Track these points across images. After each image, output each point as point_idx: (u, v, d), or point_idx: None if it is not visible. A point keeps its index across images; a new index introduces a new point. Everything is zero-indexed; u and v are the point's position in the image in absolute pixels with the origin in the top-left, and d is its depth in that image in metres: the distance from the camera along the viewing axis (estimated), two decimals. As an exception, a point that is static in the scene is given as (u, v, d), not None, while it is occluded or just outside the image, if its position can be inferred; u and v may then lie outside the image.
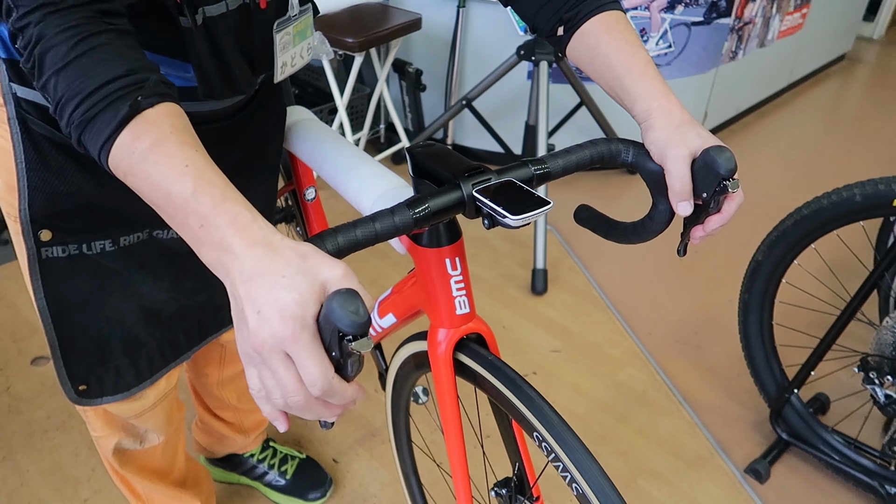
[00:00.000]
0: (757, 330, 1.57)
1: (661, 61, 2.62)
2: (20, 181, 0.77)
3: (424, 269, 0.81)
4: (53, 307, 0.86)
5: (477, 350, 0.83)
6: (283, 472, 1.47)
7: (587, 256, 2.29)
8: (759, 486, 1.53)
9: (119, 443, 1.09)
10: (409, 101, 2.76)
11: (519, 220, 0.64)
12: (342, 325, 0.49)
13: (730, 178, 0.69)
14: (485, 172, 0.69)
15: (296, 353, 0.50)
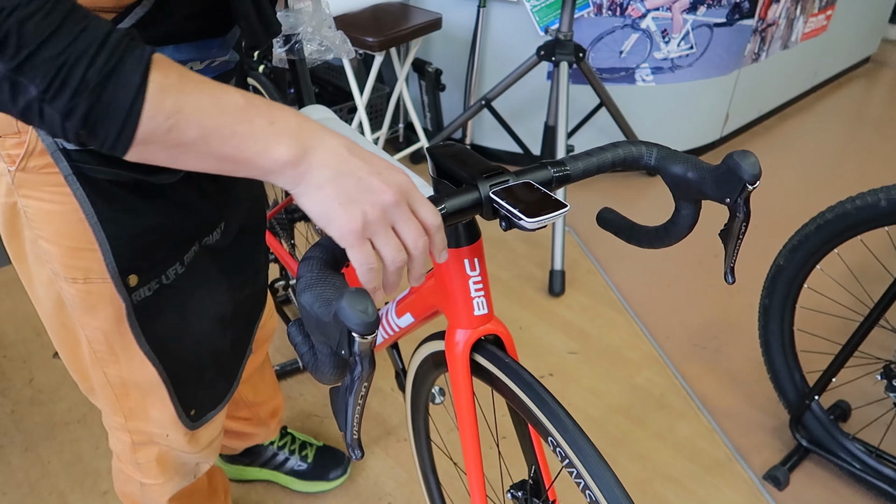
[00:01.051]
0: (777, 335, 1.55)
1: (683, 63, 2.60)
2: (98, 236, 0.72)
3: (443, 270, 0.81)
4: (156, 348, 0.83)
5: (494, 352, 0.83)
6: (304, 457, 1.49)
7: (605, 258, 2.28)
8: (778, 493, 1.52)
9: (175, 486, 1.06)
10: (429, 101, 2.76)
11: (534, 222, 0.64)
12: (351, 323, 0.50)
13: (754, 183, 0.69)
14: (503, 174, 0.69)
15: (416, 199, 0.58)
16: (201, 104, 0.53)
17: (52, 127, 0.51)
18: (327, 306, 0.53)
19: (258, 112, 0.54)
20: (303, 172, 0.55)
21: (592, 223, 2.46)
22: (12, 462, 1.52)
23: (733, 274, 0.79)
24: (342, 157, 0.56)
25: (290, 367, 1.75)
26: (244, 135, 0.54)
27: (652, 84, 2.63)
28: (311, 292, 0.55)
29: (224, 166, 0.55)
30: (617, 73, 2.60)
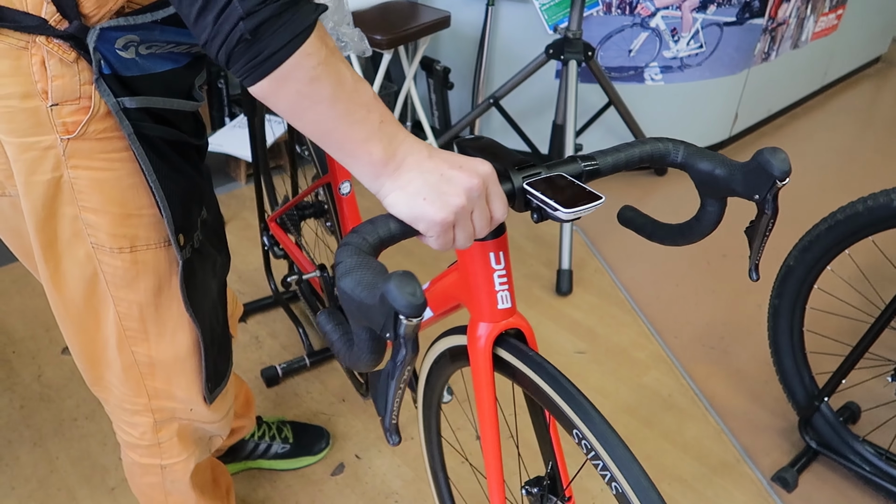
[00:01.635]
0: (787, 336, 1.54)
1: (692, 62, 2.59)
2: (157, 193, 0.77)
3: (467, 263, 0.82)
4: (195, 313, 0.87)
5: (517, 345, 0.84)
6: (284, 439, 1.52)
7: (613, 258, 2.27)
8: (787, 494, 1.51)
9: (195, 461, 1.09)
10: (437, 99, 2.76)
11: (571, 213, 0.65)
12: (399, 305, 0.51)
13: (784, 179, 0.69)
14: (535, 166, 0.70)
15: (493, 191, 0.64)
16: (344, 75, 0.59)
17: (223, 23, 0.55)
18: (370, 290, 0.54)
19: (378, 108, 0.61)
20: (388, 173, 0.62)
21: (600, 223, 2.45)
22: (21, 457, 1.52)
23: (758, 271, 0.79)
24: (422, 159, 0.62)
25: (297, 364, 1.75)
26: (359, 119, 0.60)
27: (661, 83, 2.62)
28: (352, 277, 0.55)
29: (328, 138, 0.61)
30: (626, 71, 2.59)
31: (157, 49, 0.73)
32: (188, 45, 0.76)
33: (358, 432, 1.62)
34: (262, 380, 1.72)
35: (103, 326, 0.88)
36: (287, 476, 1.51)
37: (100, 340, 0.89)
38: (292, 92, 0.58)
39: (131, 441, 1.03)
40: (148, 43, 0.71)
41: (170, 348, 0.91)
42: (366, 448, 1.58)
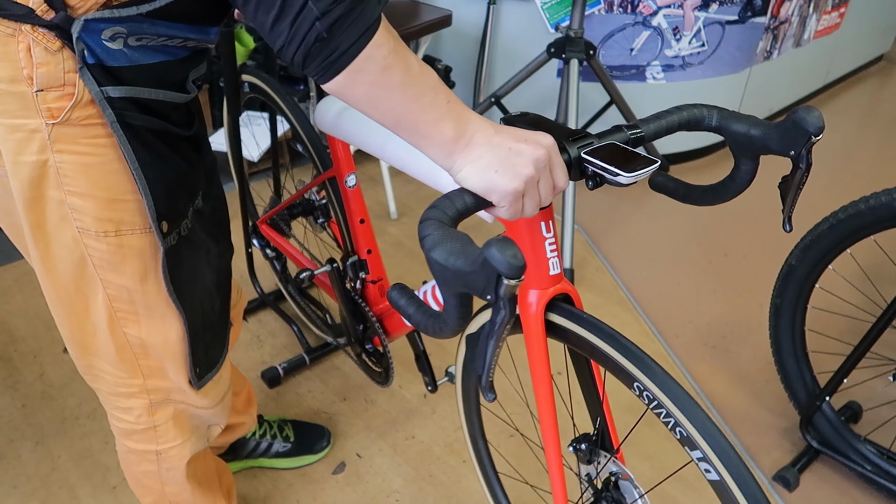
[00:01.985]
0: (788, 335, 1.54)
1: (694, 60, 2.58)
2: (139, 181, 0.78)
3: (518, 234, 0.86)
4: (180, 299, 0.89)
5: (569, 309, 0.88)
6: (286, 437, 1.53)
7: (614, 257, 2.27)
8: (788, 494, 1.51)
9: (192, 448, 1.09)
10: (438, 98, 2.76)
11: (631, 177, 0.69)
12: (502, 268, 0.56)
13: (818, 135, 0.74)
14: (587, 136, 0.74)
15: (556, 162, 0.69)
16: (411, 61, 0.64)
17: (299, 26, 0.60)
18: (465, 257, 0.58)
19: (444, 90, 0.66)
20: (460, 149, 0.67)
21: (601, 221, 2.45)
22: (23, 455, 1.53)
23: (791, 222, 0.83)
24: (489, 135, 0.67)
25: (297, 362, 1.75)
26: (429, 101, 0.65)
27: (662, 82, 2.62)
28: (442, 247, 0.60)
29: (402, 122, 0.66)
30: (627, 70, 2.59)
31: (149, 41, 0.74)
32: (182, 38, 0.76)
33: (359, 431, 1.62)
34: (264, 381, 1.72)
35: (93, 310, 0.89)
36: (288, 475, 1.51)
37: (89, 324, 0.90)
38: (366, 83, 0.63)
39: (126, 427, 1.03)
40: (138, 35, 0.72)
41: (160, 331, 0.92)
42: (367, 446, 1.58)
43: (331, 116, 1.25)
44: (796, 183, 0.79)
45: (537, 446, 1.57)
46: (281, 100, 1.53)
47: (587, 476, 1.05)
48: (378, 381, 1.54)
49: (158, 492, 1.14)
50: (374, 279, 1.45)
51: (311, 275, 1.53)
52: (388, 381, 1.50)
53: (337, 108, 1.24)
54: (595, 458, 1.03)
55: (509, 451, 1.57)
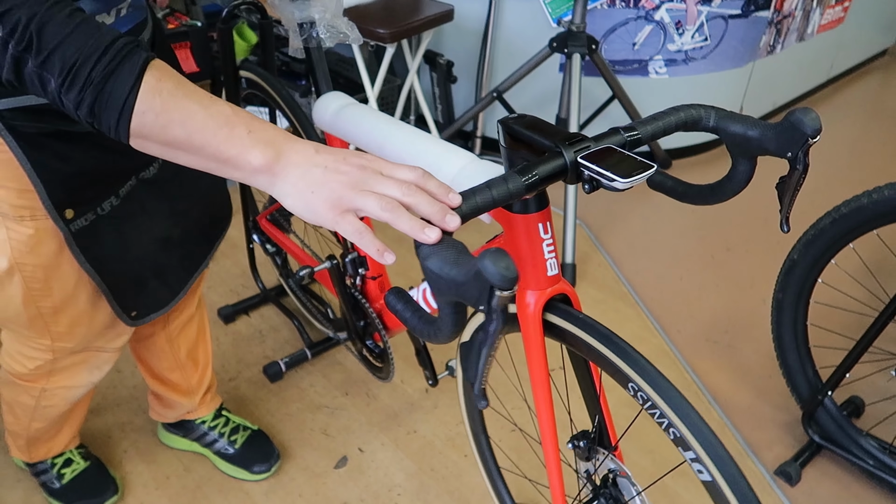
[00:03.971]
0: (790, 330, 1.53)
1: (697, 55, 2.58)
2: (33, 180, 0.88)
3: (516, 235, 0.86)
4: (96, 267, 1.01)
5: (566, 309, 0.89)
6: (232, 442, 1.50)
7: (616, 252, 2.26)
8: (790, 488, 1.51)
9: (80, 393, 1.24)
10: (440, 93, 2.75)
11: (627, 182, 0.68)
12: (494, 280, 0.56)
13: (815, 137, 0.73)
14: (584, 140, 0.73)
15: (386, 166, 0.64)
16: (190, 109, 0.63)
17: (71, 114, 0.64)
18: (459, 266, 0.59)
19: (240, 121, 0.64)
20: (277, 174, 0.64)
21: (603, 216, 2.45)
22: (26, 450, 1.53)
23: (788, 223, 0.83)
24: (309, 155, 0.64)
25: (299, 357, 1.76)
26: (225, 139, 0.63)
27: (665, 76, 2.61)
28: (437, 256, 0.60)
29: (211, 165, 0.65)
30: (630, 65, 2.58)
31: None
32: None
33: (361, 425, 1.62)
34: (266, 376, 1.73)
35: (8, 287, 0.99)
36: (291, 469, 1.51)
37: (3, 298, 1.01)
38: (155, 144, 0.64)
39: (21, 371, 1.16)
40: None
41: (72, 299, 1.04)
42: (368, 441, 1.58)
43: (329, 115, 1.25)
44: (793, 184, 0.79)
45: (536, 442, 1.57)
46: (279, 96, 1.53)
47: (586, 472, 1.06)
48: (379, 377, 1.54)
49: (24, 425, 1.28)
50: (374, 275, 1.45)
51: (310, 272, 1.53)
52: (388, 376, 1.50)
53: (335, 107, 1.24)
54: (593, 455, 1.03)
55: (510, 446, 1.57)
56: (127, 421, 1.61)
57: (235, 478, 1.50)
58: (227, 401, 1.67)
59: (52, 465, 1.40)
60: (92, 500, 1.40)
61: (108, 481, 1.42)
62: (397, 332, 1.46)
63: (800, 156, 0.75)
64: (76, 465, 1.42)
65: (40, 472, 1.42)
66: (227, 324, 1.90)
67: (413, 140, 1.07)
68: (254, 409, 1.65)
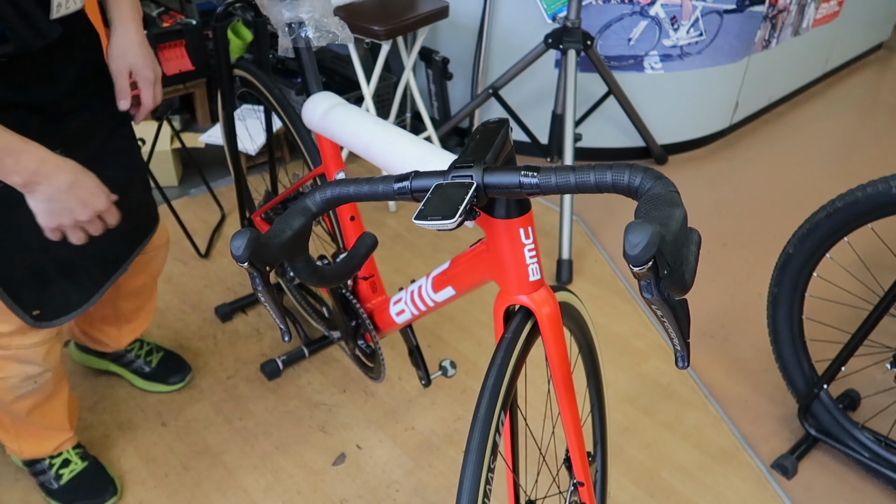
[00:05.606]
0: (786, 324, 1.54)
1: (692, 50, 2.58)
2: None
3: (498, 240, 0.87)
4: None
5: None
6: (148, 362, 1.65)
7: (613, 247, 2.27)
8: (786, 481, 1.51)
9: (17, 388, 1.25)
10: (436, 90, 2.75)
11: (418, 221, 0.70)
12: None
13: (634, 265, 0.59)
14: (460, 168, 0.74)
15: (104, 212, 1.02)
16: None
17: None
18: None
19: (12, 154, 0.91)
20: (29, 193, 0.95)
21: (600, 212, 2.45)
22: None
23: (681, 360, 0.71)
24: (60, 189, 0.96)
25: (296, 355, 1.76)
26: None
27: (661, 72, 2.61)
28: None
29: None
30: (625, 60, 2.58)
31: None
32: None
33: (359, 422, 1.62)
34: (264, 374, 1.73)
35: None
36: (289, 466, 1.52)
37: None
38: None
39: None
40: None
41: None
42: (366, 438, 1.59)
43: (318, 116, 1.25)
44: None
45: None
46: (271, 95, 1.52)
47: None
48: (371, 377, 1.54)
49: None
50: (365, 276, 1.45)
51: None
52: (380, 376, 1.50)
53: (323, 108, 1.24)
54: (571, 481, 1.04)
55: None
56: (125, 420, 1.61)
57: (151, 392, 1.66)
58: (225, 399, 1.67)
59: (50, 465, 1.41)
60: (91, 501, 1.40)
61: (106, 481, 1.43)
62: (388, 333, 1.46)
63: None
64: (74, 465, 1.42)
65: (38, 473, 1.42)
66: (224, 322, 1.90)
67: (397, 141, 1.06)
68: (252, 407, 1.65)
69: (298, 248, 0.84)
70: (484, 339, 1.88)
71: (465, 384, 1.73)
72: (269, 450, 1.55)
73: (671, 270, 0.61)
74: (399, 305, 1.25)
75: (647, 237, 0.58)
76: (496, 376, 0.86)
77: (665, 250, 0.59)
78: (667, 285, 0.62)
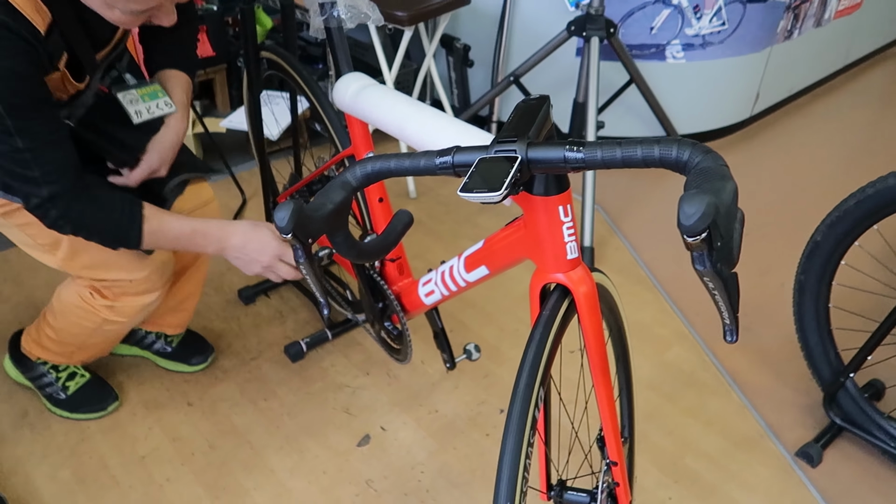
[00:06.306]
0: (812, 312, 1.53)
1: (714, 39, 2.56)
2: None
3: (536, 218, 0.87)
4: None
5: None
6: (169, 342, 1.69)
7: (634, 236, 2.26)
8: (811, 469, 1.51)
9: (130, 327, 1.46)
10: (456, 77, 2.75)
11: (463, 194, 0.70)
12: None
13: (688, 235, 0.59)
14: (504, 143, 0.74)
15: (286, 256, 1.28)
16: (172, 233, 1.22)
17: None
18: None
19: (191, 237, 1.24)
20: (223, 254, 1.27)
21: (621, 201, 2.44)
22: (52, 426, 1.55)
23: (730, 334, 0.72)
24: (238, 248, 1.26)
25: (320, 338, 1.77)
26: (191, 244, 1.26)
27: (682, 61, 2.59)
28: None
29: (191, 250, 1.34)
30: (647, 49, 2.57)
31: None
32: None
33: (383, 404, 1.63)
34: (288, 356, 1.74)
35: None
36: (314, 447, 1.53)
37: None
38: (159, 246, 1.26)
39: (87, 296, 1.36)
40: None
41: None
42: (390, 420, 1.59)
43: (349, 96, 1.25)
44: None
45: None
46: (300, 77, 1.53)
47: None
48: (397, 359, 1.55)
49: (82, 342, 1.47)
50: (393, 258, 1.45)
51: (329, 252, 1.54)
52: (406, 358, 1.51)
53: (355, 88, 1.24)
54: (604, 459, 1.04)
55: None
56: (150, 399, 1.62)
57: (176, 371, 1.69)
58: (249, 380, 1.68)
59: (57, 378, 1.54)
60: (95, 407, 1.55)
61: (108, 391, 1.57)
62: (415, 315, 1.46)
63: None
64: (80, 377, 1.56)
65: (45, 385, 1.55)
66: (246, 305, 1.91)
67: (434, 120, 1.06)
68: (276, 389, 1.66)
69: (338, 222, 0.84)
70: (506, 324, 1.88)
71: (488, 369, 1.73)
72: (295, 430, 1.56)
73: (723, 242, 0.61)
74: (429, 286, 1.25)
75: (702, 207, 0.58)
76: (535, 352, 0.86)
77: (719, 221, 0.60)
78: (719, 257, 0.62)
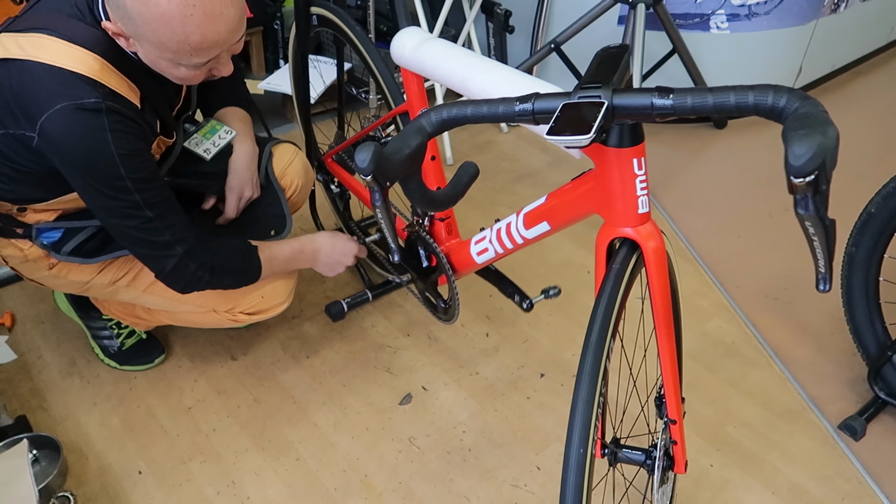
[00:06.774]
0: (861, 285, 1.51)
1: (760, 10, 2.50)
2: None
3: (608, 170, 0.86)
4: None
5: None
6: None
7: (673, 207, 2.24)
8: (854, 442, 1.50)
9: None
10: (495, 44, 2.72)
11: (551, 138, 0.70)
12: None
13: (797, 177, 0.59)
14: (588, 89, 0.75)
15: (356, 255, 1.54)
16: (281, 256, 1.41)
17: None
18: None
19: (294, 257, 1.44)
20: (315, 265, 1.49)
21: (659, 172, 2.41)
22: (101, 375, 1.58)
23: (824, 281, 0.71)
24: (321, 255, 1.47)
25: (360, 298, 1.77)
26: (295, 263, 1.46)
27: (727, 32, 2.54)
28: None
29: (297, 268, 1.50)
30: (691, 19, 2.51)
31: None
32: None
33: (423, 365, 1.64)
34: (329, 315, 1.75)
35: None
36: (356, 404, 1.54)
37: None
38: (272, 271, 1.39)
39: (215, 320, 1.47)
40: None
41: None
42: (432, 381, 1.60)
43: (408, 50, 1.23)
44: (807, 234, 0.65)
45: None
46: (352, 32, 1.51)
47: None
48: (443, 318, 1.55)
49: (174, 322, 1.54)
50: (443, 217, 1.45)
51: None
52: (453, 318, 1.51)
53: (414, 42, 1.23)
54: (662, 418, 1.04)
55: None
56: (195, 352, 1.64)
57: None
58: (291, 337, 1.70)
59: (118, 334, 1.60)
60: (143, 359, 1.61)
61: (156, 347, 1.64)
62: (465, 274, 1.46)
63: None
64: (139, 336, 1.62)
65: (104, 337, 1.60)
66: (287, 265, 1.92)
67: (500, 73, 1.05)
68: (318, 347, 1.68)
69: (412, 168, 0.84)
70: (545, 291, 1.87)
71: (528, 334, 1.74)
72: (337, 387, 1.58)
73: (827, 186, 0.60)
74: (482, 244, 1.25)
75: (813, 148, 0.57)
76: (606, 304, 0.86)
77: (827, 164, 0.59)
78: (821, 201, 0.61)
